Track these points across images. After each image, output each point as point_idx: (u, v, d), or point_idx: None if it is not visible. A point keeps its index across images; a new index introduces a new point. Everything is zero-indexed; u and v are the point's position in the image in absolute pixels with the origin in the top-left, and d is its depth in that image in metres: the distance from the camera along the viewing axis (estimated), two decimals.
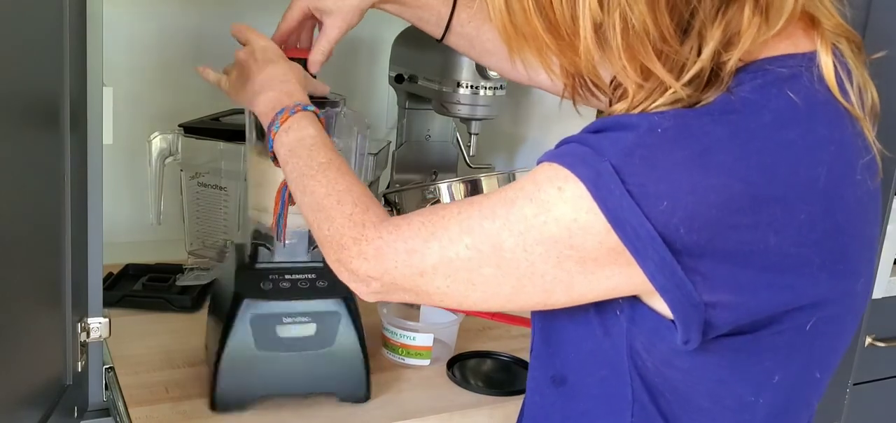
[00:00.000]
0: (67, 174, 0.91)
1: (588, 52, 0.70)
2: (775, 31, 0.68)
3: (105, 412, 1.05)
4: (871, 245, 0.75)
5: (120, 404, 1.05)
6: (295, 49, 1.11)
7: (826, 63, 0.69)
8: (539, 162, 0.71)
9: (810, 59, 0.69)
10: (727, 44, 0.67)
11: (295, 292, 1.08)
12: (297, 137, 0.91)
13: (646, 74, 0.69)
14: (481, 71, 1.46)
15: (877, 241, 0.77)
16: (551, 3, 0.69)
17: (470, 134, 1.54)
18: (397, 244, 0.76)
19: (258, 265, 1.12)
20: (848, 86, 0.70)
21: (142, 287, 1.38)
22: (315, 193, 0.86)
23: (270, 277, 1.09)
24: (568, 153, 0.69)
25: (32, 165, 0.86)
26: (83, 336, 0.99)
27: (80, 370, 0.99)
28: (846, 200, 0.69)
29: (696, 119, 0.66)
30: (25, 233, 0.85)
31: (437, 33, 1.15)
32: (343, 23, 1.10)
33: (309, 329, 1.07)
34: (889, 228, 1.45)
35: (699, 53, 0.67)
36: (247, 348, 1.05)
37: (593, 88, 0.78)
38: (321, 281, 1.10)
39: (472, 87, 1.47)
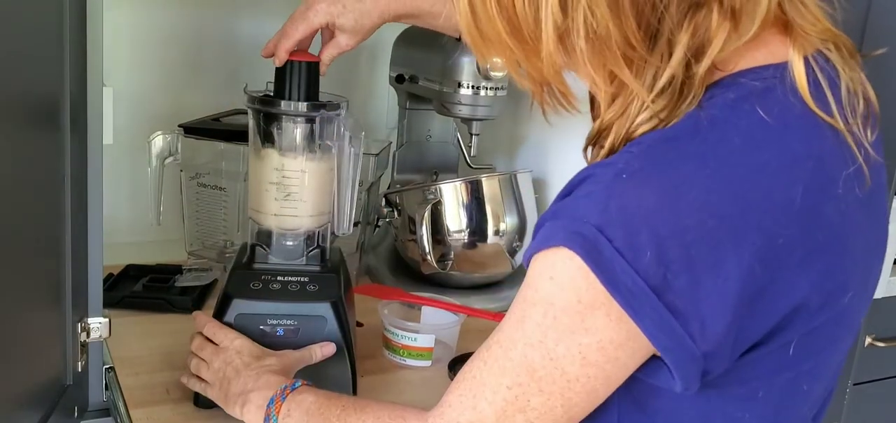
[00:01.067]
0: (67, 174, 0.91)
1: (550, 57, 0.69)
2: (748, 37, 0.67)
3: (105, 412, 1.05)
4: (866, 254, 0.73)
5: (120, 404, 1.05)
6: (298, 53, 1.10)
7: (798, 72, 0.67)
8: (526, 260, 0.71)
9: (785, 69, 0.68)
10: (698, 52, 0.66)
11: (283, 294, 1.08)
12: (302, 414, 0.89)
13: (613, 80, 0.68)
14: (482, 71, 1.45)
15: (877, 245, 0.75)
16: (514, 6, 0.68)
17: (471, 134, 1.54)
18: None
19: (255, 266, 1.12)
20: (828, 94, 0.68)
21: (142, 288, 1.37)
22: None
23: (262, 277, 1.10)
24: (547, 236, 0.67)
25: (33, 166, 0.86)
26: (83, 336, 0.99)
27: (80, 369, 0.99)
28: (827, 218, 0.67)
29: (662, 155, 0.65)
30: (26, 233, 0.85)
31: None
32: (356, 41, 1.12)
33: (292, 332, 1.07)
34: (889, 228, 1.45)
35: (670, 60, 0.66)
36: None
37: (561, 97, 0.77)
38: (312, 285, 1.10)
39: (473, 87, 1.47)
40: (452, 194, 1.43)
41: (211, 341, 1.04)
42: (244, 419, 0.94)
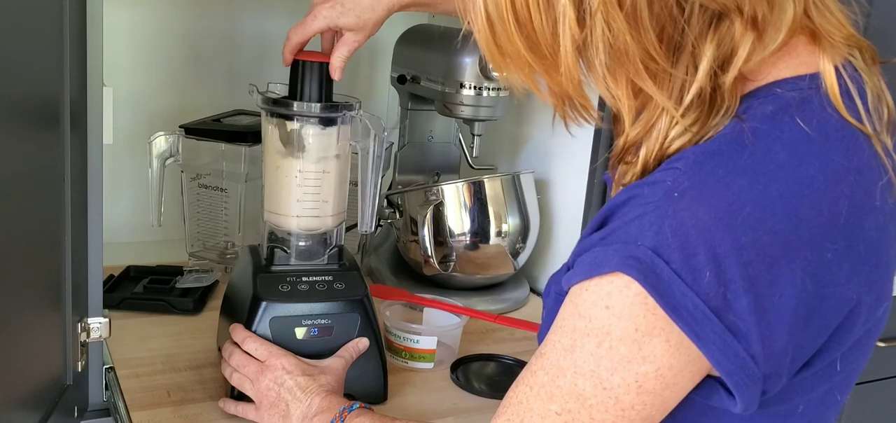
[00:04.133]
0: (68, 174, 0.91)
1: (569, 72, 0.67)
2: (774, 46, 0.66)
3: (105, 412, 1.05)
4: (892, 267, 0.72)
5: (121, 405, 1.04)
6: (309, 53, 1.10)
7: (831, 83, 0.67)
8: (568, 287, 0.69)
9: (818, 79, 0.67)
10: (725, 63, 0.65)
11: (313, 295, 1.08)
12: None
13: (638, 94, 0.67)
14: (485, 71, 1.45)
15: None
16: (531, 21, 0.67)
17: (473, 135, 1.53)
18: None
19: (274, 268, 1.12)
20: (858, 103, 0.67)
21: (143, 289, 1.36)
22: None
23: (288, 279, 1.10)
24: (598, 262, 0.66)
25: (33, 166, 0.86)
26: (83, 336, 0.99)
27: (80, 370, 0.99)
28: (866, 230, 0.66)
29: (712, 171, 0.64)
30: (26, 233, 0.85)
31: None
32: (364, 36, 1.11)
33: (327, 331, 1.07)
34: None
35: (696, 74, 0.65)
36: None
37: (582, 110, 0.76)
38: (338, 283, 1.11)
39: (475, 88, 1.46)
40: (454, 195, 1.43)
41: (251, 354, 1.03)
42: None
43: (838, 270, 0.64)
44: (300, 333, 1.06)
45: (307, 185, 1.12)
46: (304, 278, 1.10)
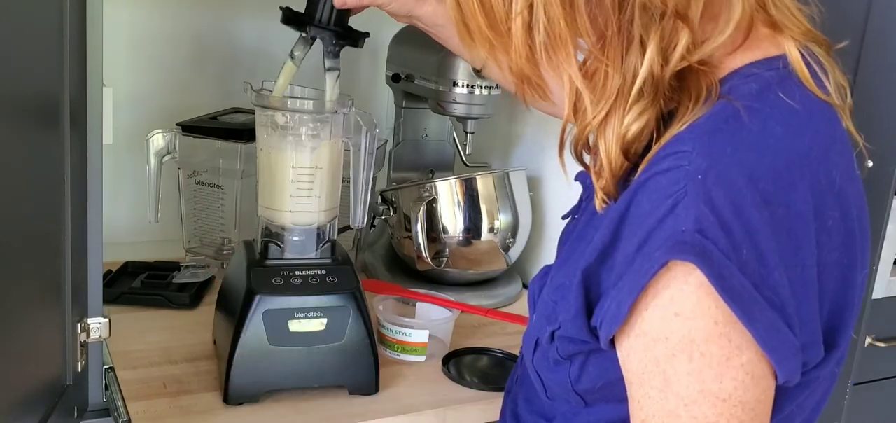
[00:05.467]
0: (67, 175, 0.91)
1: (518, 50, 0.70)
2: (724, 38, 0.68)
3: (105, 412, 1.06)
4: (868, 236, 0.75)
5: (119, 401, 1.06)
6: None
7: (796, 61, 0.69)
8: (617, 326, 0.66)
9: (787, 60, 0.70)
10: (668, 55, 0.67)
11: (306, 288, 1.11)
12: None
13: (590, 77, 0.69)
14: (477, 70, 1.47)
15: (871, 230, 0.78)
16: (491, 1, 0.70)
17: (466, 133, 1.56)
18: None
19: (269, 262, 1.14)
20: (825, 81, 0.70)
21: (140, 284, 1.39)
22: None
23: (281, 273, 1.12)
24: (643, 269, 0.64)
25: (33, 166, 0.86)
26: (83, 336, 0.99)
27: (80, 370, 0.99)
28: (851, 198, 0.70)
29: (721, 150, 0.64)
30: (26, 233, 0.85)
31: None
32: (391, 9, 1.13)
33: (320, 324, 1.09)
34: (889, 228, 1.46)
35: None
36: (259, 343, 1.07)
37: (537, 89, 0.76)
38: (331, 277, 1.13)
39: (468, 86, 1.48)
40: (447, 192, 1.45)
41: None
42: None
43: (835, 236, 0.67)
44: (293, 326, 1.08)
45: (300, 180, 1.14)
46: (297, 272, 1.12)
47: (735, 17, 0.69)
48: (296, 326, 1.08)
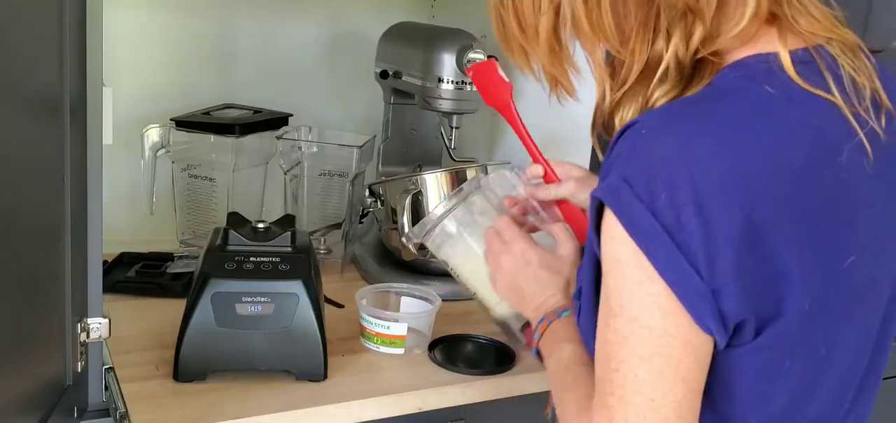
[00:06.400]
0: (67, 176, 0.92)
1: (543, 48, 0.85)
2: (737, 32, 0.76)
3: (105, 412, 1.08)
4: (876, 223, 0.79)
5: (112, 379, 1.09)
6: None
7: (785, 59, 0.76)
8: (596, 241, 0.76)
9: (778, 56, 0.76)
10: (688, 44, 0.76)
11: (256, 273, 1.15)
12: (555, 360, 0.94)
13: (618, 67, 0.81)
14: (462, 67, 1.51)
15: (885, 220, 0.80)
16: (523, 8, 0.85)
17: (452, 128, 1.60)
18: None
19: (229, 247, 1.18)
20: (827, 76, 0.76)
21: (135, 274, 1.43)
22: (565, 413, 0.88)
23: (236, 258, 1.16)
24: (590, 203, 0.76)
25: (33, 167, 0.87)
26: (83, 337, 1.00)
27: (79, 370, 1.00)
28: (825, 182, 0.74)
29: (678, 113, 0.75)
30: (26, 234, 0.85)
31: None
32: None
33: (267, 309, 1.13)
34: None
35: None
36: (208, 324, 1.12)
37: (567, 91, 0.91)
38: (284, 264, 1.16)
39: (453, 82, 1.52)
40: (433, 185, 1.48)
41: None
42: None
43: (788, 208, 0.72)
44: (240, 309, 1.12)
45: None
46: (252, 258, 1.16)
47: (748, 13, 0.76)
48: (243, 309, 1.12)
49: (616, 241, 0.73)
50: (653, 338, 0.72)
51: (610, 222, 0.73)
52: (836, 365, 0.81)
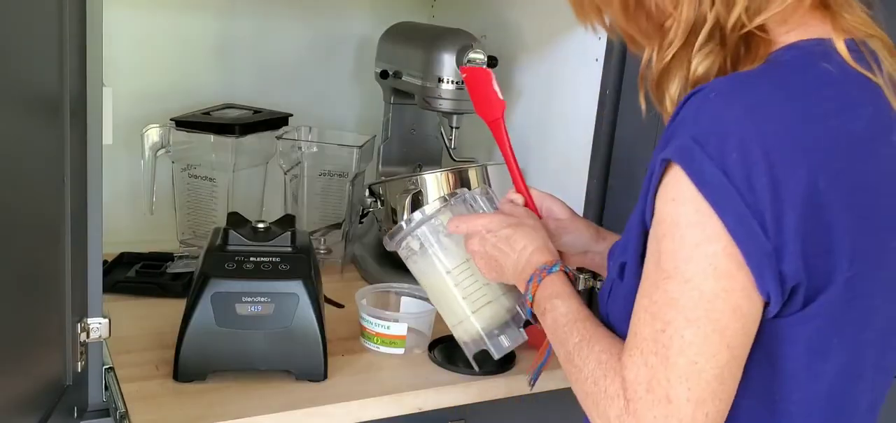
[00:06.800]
0: (67, 176, 0.92)
1: (616, 10, 0.87)
2: (780, 9, 0.78)
3: (105, 412, 1.08)
4: None
5: (112, 379, 1.10)
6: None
7: (838, 43, 0.79)
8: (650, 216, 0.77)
9: (831, 42, 0.79)
10: (750, 11, 0.78)
11: (256, 273, 1.15)
12: (552, 319, 0.93)
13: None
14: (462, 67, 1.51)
15: None
16: None
17: (451, 128, 1.60)
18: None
19: (230, 247, 1.18)
20: (873, 65, 0.79)
21: (135, 274, 1.43)
22: (581, 372, 0.87)
23: (236, 258, 1.16)
24: (653, 168, 0.77)
25: (33, 168, 0.87)
26: (83, 337, 1.00)
27: (79, 370, 1.00)
28: (879, 159, 0.77)
29: (746, 80, 0.77)
30: (26, 234, 0.85)
31: None
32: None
33: (267, 309, 1.13)
34: None
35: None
36: (208, 324, 1.12)
37: (633, 45, 0.91)
38: (284, 264, 1.16)
39: (453, 82, 1.52)
40: (433, 185, 1.48)
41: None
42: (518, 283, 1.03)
43: (844, 178, 0.74)
44: (240, 309, 1.12)
45: None
46: (252, 258, 1.16)
47: None
48: (243, 309, 1.12)
49: (677, 202, 0.74)
50: (703, 301, 0.73)
51: (673, 182, 0.74)
52: (880, 348, 0.82)
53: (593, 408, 0.81)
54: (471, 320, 1.11)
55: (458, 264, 1.11)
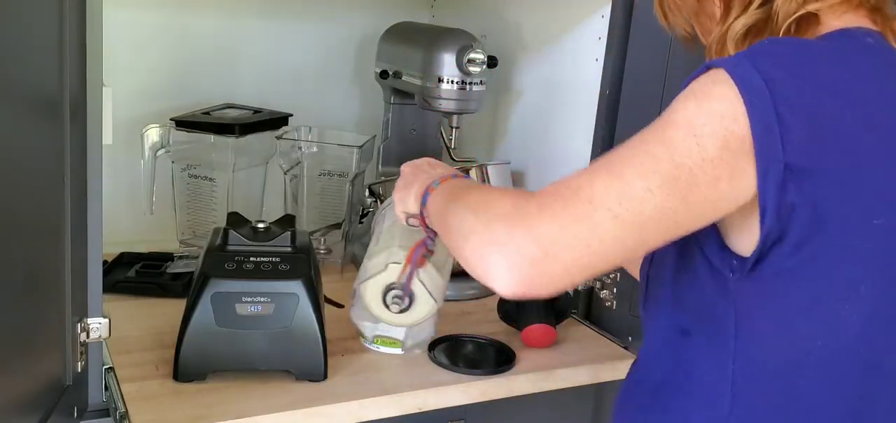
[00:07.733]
0: (67, 176, 0.92)
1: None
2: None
3: (105, 412, 1.08)
4: None
5: (112, 379, 1.10)
6: None
7: (883, 30, 0.85)
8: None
9: (880, 34, 0.85)
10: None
11: (256, 273, 1.15)
12: (444, 201, 0.96)
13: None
14: (462, 67, 1.51)
15: None
16: None
17: (452, 128, 1.60)
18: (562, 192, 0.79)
19: (230, 247, 1.18)
20: None
21: (135, 274, 1.43)
22: (469, 199, 0.88)
23: (236, 258, 1.16)
24: (694, 75, 0.80)
25: (33, 168, 0.87)
26: (83, 337, 1.00)
27: (79, 370, 1.00)
28: None
29: (789, 40, 0.83)
30: (26, 234, 0.85)
31: None
32: None
33: (267, 309, 1.13)
34: None
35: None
36: (208, 324, 1.12)
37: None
38: (284, 264, 1.16)
39: (453, 82, 1.52)
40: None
41: None
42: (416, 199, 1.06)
43: (877, 127, 0.78)
44: (240, 309, 1.12)
45: None
46: (252, 258, 1.16)
47: None
48: (242, 309, 1.12)
49: (713, 82, 0.75)
50: (696, 154, 0.73)
51: (712, 76, 0.76)
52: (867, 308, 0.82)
53: (481, 210, 0.83)
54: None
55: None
